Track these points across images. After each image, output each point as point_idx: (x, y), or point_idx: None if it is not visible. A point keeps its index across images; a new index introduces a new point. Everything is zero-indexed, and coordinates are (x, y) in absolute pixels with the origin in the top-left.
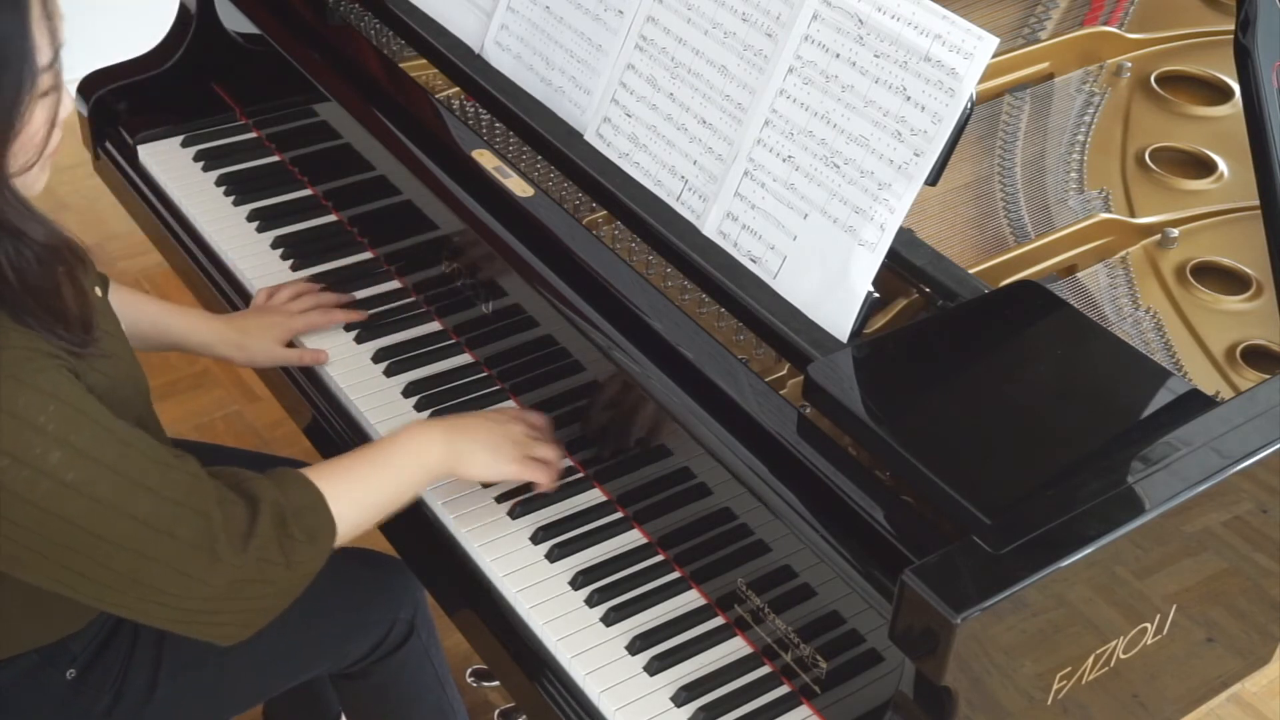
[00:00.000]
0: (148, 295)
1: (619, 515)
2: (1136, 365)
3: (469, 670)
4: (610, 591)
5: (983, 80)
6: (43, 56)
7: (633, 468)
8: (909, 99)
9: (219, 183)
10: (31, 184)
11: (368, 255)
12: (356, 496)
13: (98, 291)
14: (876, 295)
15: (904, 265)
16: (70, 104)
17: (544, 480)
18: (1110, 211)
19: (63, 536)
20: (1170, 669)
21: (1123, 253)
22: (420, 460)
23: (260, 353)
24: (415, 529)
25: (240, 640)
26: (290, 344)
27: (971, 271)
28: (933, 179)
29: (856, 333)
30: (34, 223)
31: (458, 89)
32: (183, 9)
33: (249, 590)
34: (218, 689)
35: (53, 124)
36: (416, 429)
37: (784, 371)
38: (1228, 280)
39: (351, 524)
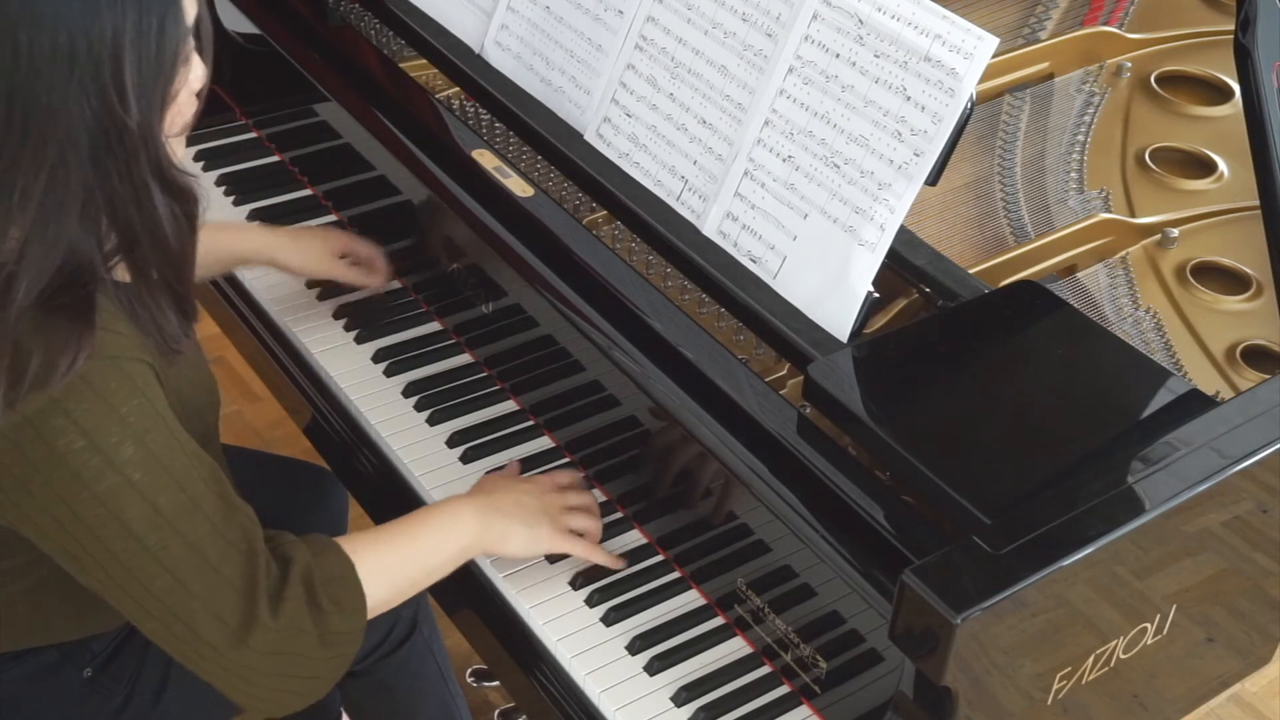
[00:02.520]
0: None
1: (619, 515)
2: (1136, 365)
3: (469, 670)
4: (610, 591)
5: (983, 80)
6: (189, 18)
7: (632, 468)
8: (909, 99)
9: (219, 183)
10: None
11: None
12: (383, 570)
13: None
14: (876, 295)
15: (904, 265)
16: (205, 72)
17: (582, 554)
18: (1110, 211)
19: (112, 540)
20: (1170, 669)
21: (1123, 253)
22: (450, 539)
23: (315, 260)
24: None
25: (281, 715)
26: None
27: (971, 271)
28: (933, 179)
29: (856, 333)
30: (189, 184)
31: (458, 89)
32: None
33: (279, 665)
34: None
35: (197, 92)
36: (451, 506)
37: (784, 371)
38: (1228, 280)
39: (381, 599)
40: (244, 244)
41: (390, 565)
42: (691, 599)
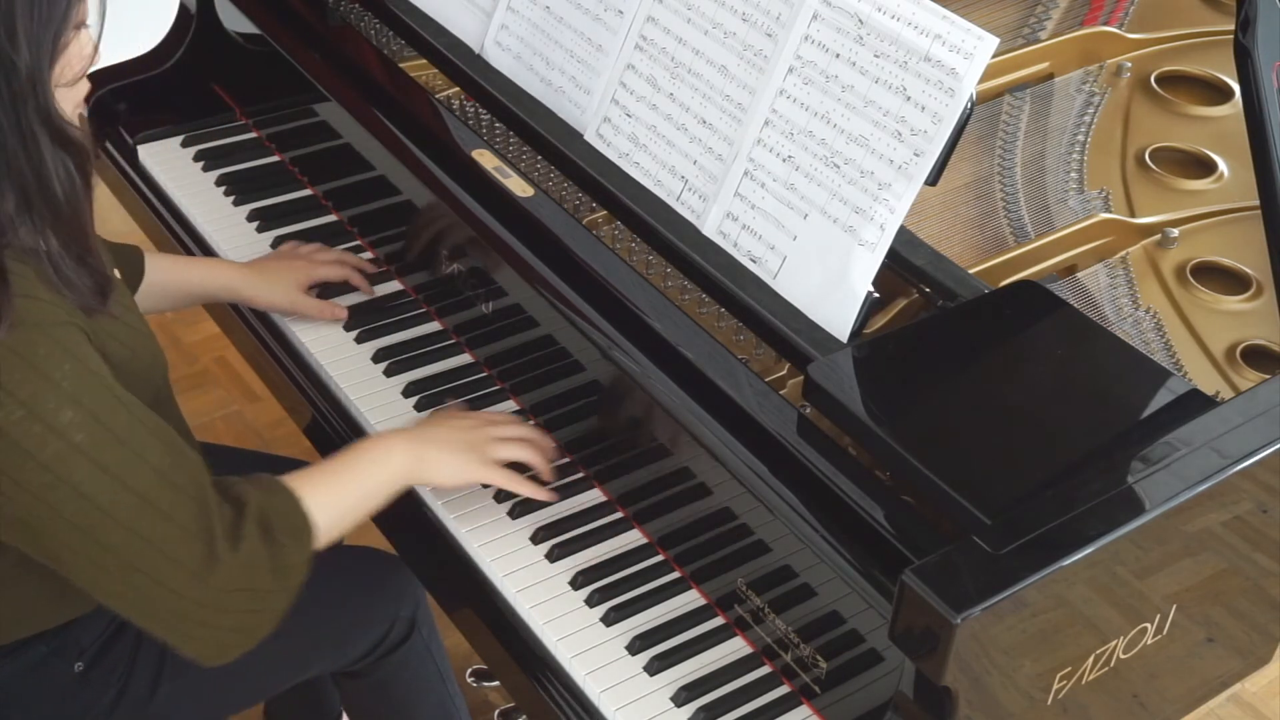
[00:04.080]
0: (160, 252)
1: (619, 515)
2: (1136, 365)
3: (469, 670)
4: (610, 591)
5: (983, 80)
6: None
7: (633, 467)
8: (909, 99)
9: (219, 183)
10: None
11: (368, 256)
12: (325, 502)
13: (116, 274)
14: (876, 295)
15: (904, 265)
16: (91, 45)
17: (504, 484)
18: (1110, 211)
19: (64, 504)
20: (1170, 669)
21: (1123, 253)
22: (383, 467)
23: (280, 294)
24: (414, 528)
25: (223, 662)
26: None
27: (971, 271)
28: (933, 179)
29: (856, 333)
30: (79, 136)
31: (458, 89)
32: (183, 9)
33: (238, 601)
34: (220, 687)
35: (87, 56)
36: (381, 437)
37: (784, 371)
38: (1228, 280)
39: (324, 530)
40: (212, 281)
41: (330, 496)
42: (691, 599)
